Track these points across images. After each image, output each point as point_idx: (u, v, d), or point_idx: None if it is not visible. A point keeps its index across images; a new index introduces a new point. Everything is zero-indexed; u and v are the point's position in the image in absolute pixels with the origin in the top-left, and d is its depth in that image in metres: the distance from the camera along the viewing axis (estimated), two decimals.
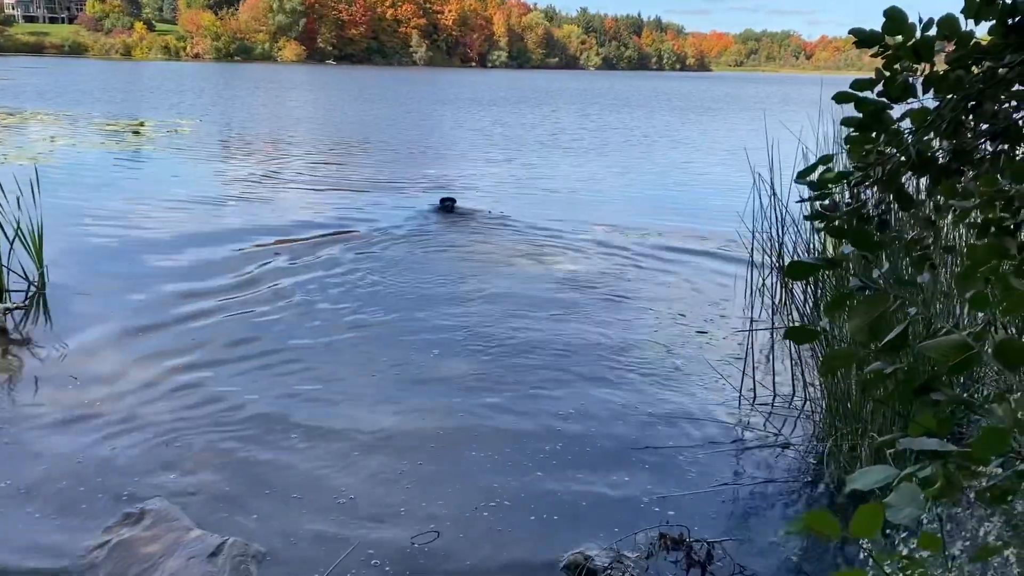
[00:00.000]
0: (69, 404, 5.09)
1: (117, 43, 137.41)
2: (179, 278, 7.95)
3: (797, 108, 36.87)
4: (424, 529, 3.85)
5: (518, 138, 24.16)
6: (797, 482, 4.43)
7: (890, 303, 1.63)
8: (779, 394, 5.51)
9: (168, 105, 33.44)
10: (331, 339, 6.43)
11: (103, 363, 5.82)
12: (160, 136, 21.54)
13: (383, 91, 53.37)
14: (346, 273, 8.34)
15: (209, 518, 3.84)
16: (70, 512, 3.90)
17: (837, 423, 4.51)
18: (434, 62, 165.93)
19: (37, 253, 7.35)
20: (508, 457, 4.60)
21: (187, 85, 51.64)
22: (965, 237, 4.37)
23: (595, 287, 8.17)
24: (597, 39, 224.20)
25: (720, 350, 6.44)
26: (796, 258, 6.11)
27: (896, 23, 1.78)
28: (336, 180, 14.90)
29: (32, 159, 15.37)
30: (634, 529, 3.88)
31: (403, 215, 11.53)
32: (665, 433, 4.95)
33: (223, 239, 9.68)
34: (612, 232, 10.95)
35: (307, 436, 4.77)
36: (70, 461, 4.38)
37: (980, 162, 1.92)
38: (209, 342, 6.28)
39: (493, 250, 9.74)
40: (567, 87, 73.66)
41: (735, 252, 8.62)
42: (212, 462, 4.41)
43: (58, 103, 32.23)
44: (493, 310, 7.31)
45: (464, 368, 5.96)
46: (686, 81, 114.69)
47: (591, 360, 6.18)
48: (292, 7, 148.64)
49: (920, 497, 1.28)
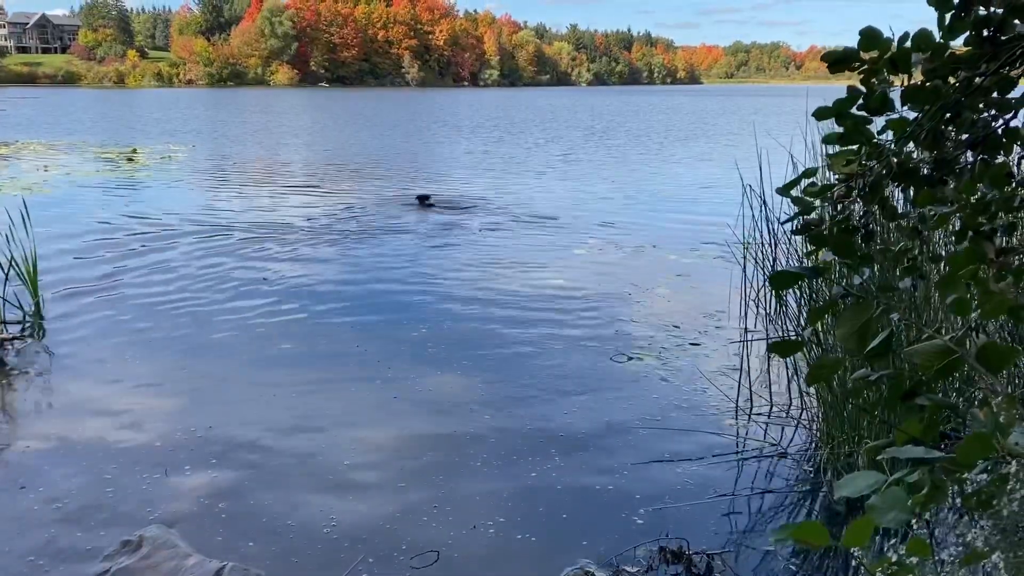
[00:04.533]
0: (66, 433, 5.09)
1: (110, 71, 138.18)
2: (175, 305, 7.96)
3: (787, 118, 37.11)
4: (423, 550, 3.85)
5: (508, 154, 24.25)
6: (795, 491, 4.44)
7: (875, 309, 1.65)
8: (775, 404, 5.53)
9: (161, 132, 33.56)
10: (326, 361, 6.45)
11: (99, 392, 5.82)
12: (153, 162, 21.60)
13: (376, 113, 53.58)
14: (338, 290, 8.36)
15: (207, 543, 3.84)
16: (68, 541, 3.89)
17: (833, 431, 4.52)
18: (426, 82, 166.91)
19: (32, 284, 7.37)
20: (503, 473, 4.60)
21: (180, 112, 51.81)
22: (946, 244, 4.40)
23: (587, 299, 8.20)
24: (588, 55, 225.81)
25: (715, 361, 6.46)
26: (788, 268, 6.15)
27: (871, 39, 1.81)
28: (327, 198, 14.94)
29: (26, 189, 15.42)
30: (633, 543, 3.88)
31: (390, 223, 11.58)
32: (661, 445, 4.95)
33: (218, 264, 9.70)
34: (605, 244, 11.00)
35: (302, 460, 4.77)
36: (68, 490, 4.37)
37: (962, 172, 1.94)
38: (205, 369, 6.29)
39: (486, 259, 9.78)
40: (559, 103, 73.97)
41: (728, 264, 8.65)
42: (208, 488, 4.41)
43: (51, 133, 32.32)
44: (484, 322, 7.35)
45: (455, 383, 5.97)
46: (675, 95, 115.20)
47: (584, 373, 6.19)
48: (284, 31, 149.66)
49: (906, 501, 1.30)
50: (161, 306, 7.87)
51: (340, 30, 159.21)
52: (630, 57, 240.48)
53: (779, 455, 4.82)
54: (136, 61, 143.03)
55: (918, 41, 1.80)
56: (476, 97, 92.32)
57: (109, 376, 6.13)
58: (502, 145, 28.21)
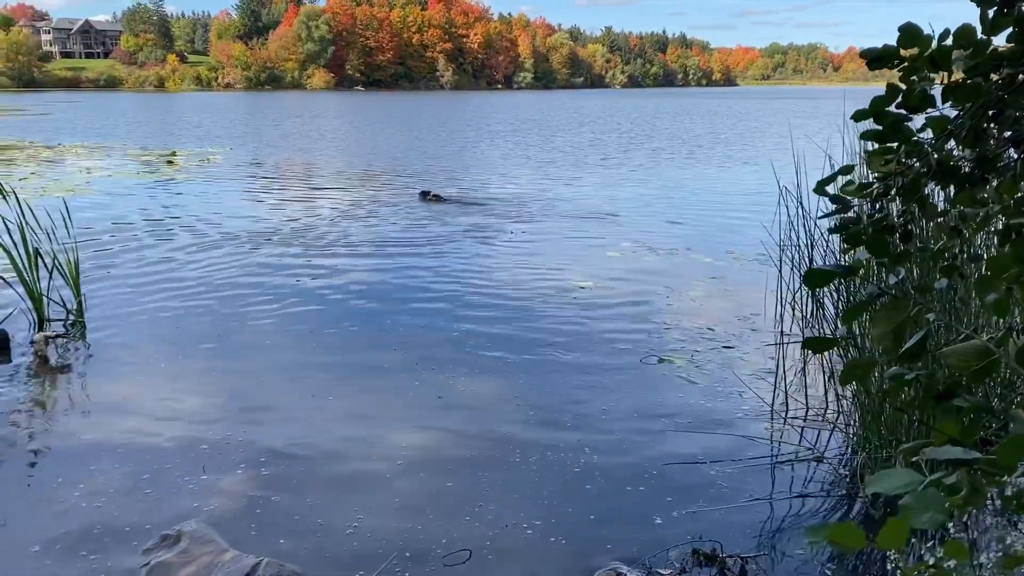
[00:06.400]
0: (106, 430, 5.20)
1: (151, 75, 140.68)
2: (213, 303, 8.09)
3: (824, 120, 36.69)
4: (454, 549, 3.86)
5: (540, 155, 24.25)
6: (831, 496, 4.38)
7: (911, 309, 1.63)
8: (811, 407, 5.47)
9: (199, 135, 34.08)
10: (365, 361, 6.52)
11: (139, 390, 5.94)
12: (192, 165, 21.94)
13: (410, 116, 53.91)
14: (373, 290, 8.42)
15: (242, 539, 3.89)
16: (109, 534, 3.96)
17: (870, 435, 4.46)
18: (460, 85, 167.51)
19: (75, 283, 7.53)
20: (535, 473, 4.61)
21: (218, 115, 52.57)
22: (986, 244, 4.32)
23: (620, 301, 8.17)
24: (622, 57, 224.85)
25: (750, 364, 6.40)
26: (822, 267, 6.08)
27: (911, 36, 1.78)
28: (362, 201, 15.06)
29: (69, 191, 15.75)
30: (666, 545, 3.86)
31: (417, 227, 11.65)
32: (695, 447, 4.92)
33: (255, 265, 9.84)
34: (638, 246, 10.95)
35: (337, 458, 4.82)
36: (108, 485, 4.46)
37: (1004, 169, 1.91)
38: (243, 368, 6.39)
39: (521, 260, 9.79)
40: (592, 105, 73.81)
41: (763, 266, 8.57)
42: (245, 485, 4.47)
43: (94, 136, 33.00)
44: (518, 322, 7.36)
45: (488, 384, 5.99)
46: (710, 97, 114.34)
47: (618, 374, 6.17)
48: (321, 35, 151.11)
49: (943, 502, 1.28)
50: (199, 306, 7.99)
51: (376, 34, 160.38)
52: (665, 59, 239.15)
53: (815, 459, 4.77)
54: (176, 65, 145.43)
55: (959, 38, 1.77)
56: (509, 99, 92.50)
57: (148, 374, 6.25)
58: (535, 147, 28.22)
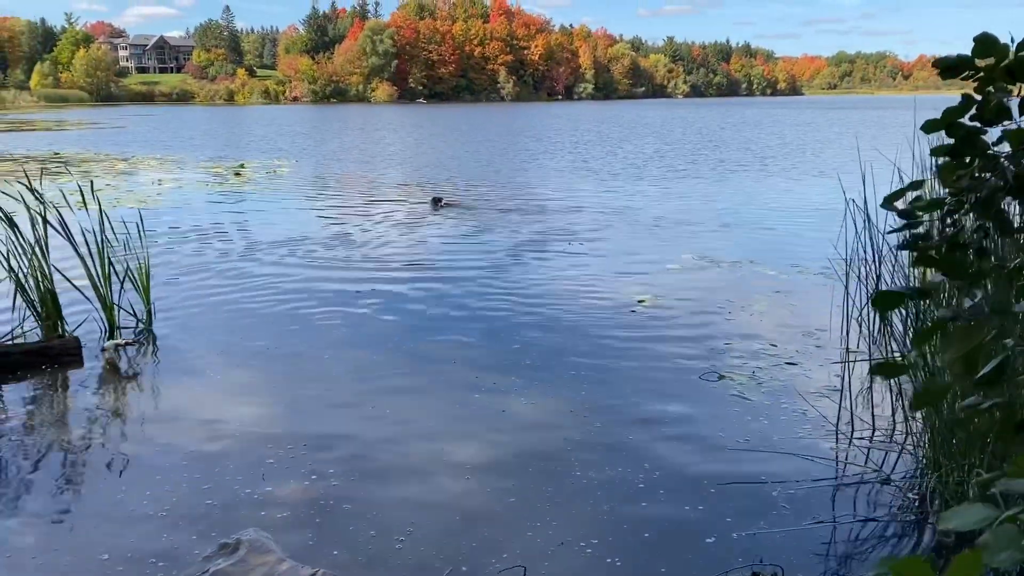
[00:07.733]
0: (170, 438, 5.32)
1: (221, 89, 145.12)
2: (278, 314, 8.24)
3: (893, 131, 35.77)
4: (511, 564, 3.83)
5: (602, 166, 24.14)
6: (898, 521, 4.22)
7: (986, 333, 1.55)
8: (878, 427, 5.29)
9: (267, 147, 34.90)
10: (424, 373, 6.55)
11: (203, 399, 6.07)
12: (260, 177, 22.46)
13: (471, 128, 54.32)
14: (434, 302, 8.47)
15: (299, 549, 3.93)
16: (169, 541, 4.04)
17: (941, 458, 4.29)
18: (521, 97, 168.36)
19: (145, 292, 7.74)
20: (592, 492, 4.55)
21: (285, 127, 53.79)
22: None
23: (683, 316, 8.05)
24: (684, 67, 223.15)
25: (814, 381, 6.23)
26: (892, 287, 5.89)
27: (987, 46, 1.71)
28: (423, 213, 15.19)
29: (142, 202, 16.27)
30: (726, 567, 3.77)
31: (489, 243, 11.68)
32: (756, 467, 4.80)
33: (319, 276, 9.99)
34: (699, 259, 10.80)
35: (395, 470, 4.84)
36: (169, 492, 4.56)
37: None
38: (305, 379, 6.47)
39: (579, 272, 9.74)
40: (652, 116, 73.34)
41: (829, 280, 8.37)
42: (303, 495, 4.52)
43: (165, 148, 34.07)
44: (574, 336, 7.30)
45: (545, 400, 5.95)
46: (775, 107, 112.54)
47: (677, 390, 6.08)
48: (384, 49, 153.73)
49: (1022, 540, 1.21)
50: (264, 317, 8.15)
51: (438, 47, 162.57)
52: (728, 68, 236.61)
53: (882, 481, 4.61)
54: (245, 79, 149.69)
55: None
56: (569, 110, 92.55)
57: (213, 383, 6.39)
58: (596, 159, 28.12)
